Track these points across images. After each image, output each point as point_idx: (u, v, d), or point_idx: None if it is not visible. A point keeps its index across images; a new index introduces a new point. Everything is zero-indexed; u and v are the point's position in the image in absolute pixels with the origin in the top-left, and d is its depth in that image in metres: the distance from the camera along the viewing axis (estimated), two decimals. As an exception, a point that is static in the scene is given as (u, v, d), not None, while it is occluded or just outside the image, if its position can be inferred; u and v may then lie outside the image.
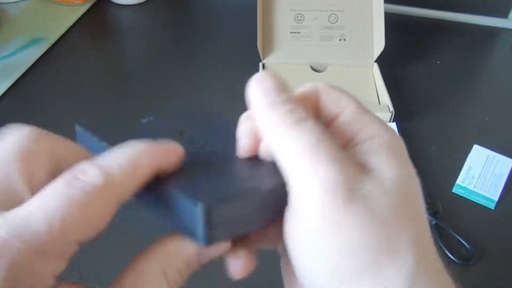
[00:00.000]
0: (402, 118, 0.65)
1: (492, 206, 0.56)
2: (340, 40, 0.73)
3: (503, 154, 0.61)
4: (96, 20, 0.85)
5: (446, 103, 0.70)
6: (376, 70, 0.71)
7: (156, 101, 0.69)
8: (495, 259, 0.52)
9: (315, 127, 0.20)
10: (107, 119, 0.21)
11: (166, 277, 0.19)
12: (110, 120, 0.23)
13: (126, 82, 0.73)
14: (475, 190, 0.57)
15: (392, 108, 0.64)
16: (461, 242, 0.52)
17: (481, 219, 0.56)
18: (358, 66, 0.72)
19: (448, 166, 0.61)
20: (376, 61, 0.72)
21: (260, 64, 0.70)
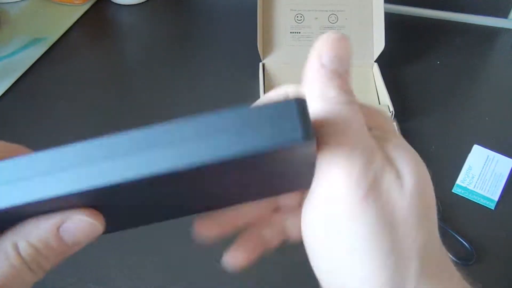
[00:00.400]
0: (402, 118, 0.65)
1: (492, 206, 0.56)
2: (340, 40, 0.73)
3: (503, 154, 0.61)
4: (96, 20, 0.85)
5: (446, 103, 0.70)
6: (376, 70, 0.71)
7: (156, 100, 0.69)
8: (495, 259, 0.52)
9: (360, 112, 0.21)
10: None
11: (16, 247, 0.19)
12: None
13: (126, 82, 0.73)
14: (475, 190, 0.57)
15: (392, 108, 0.64)
16: (461, 242, 0.52)
17: (481, 219, 0.56)
18: (358, 66, 0.72)
19: (448, 166, 0.61)
20: (376, 61, 0.72)
21: (260, 64, 0.70)
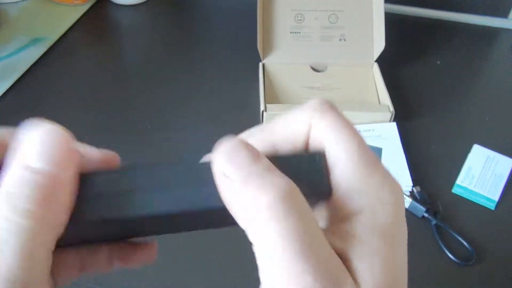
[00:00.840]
0: (402, 118, 0.65)
1: (492, 206, 0.56)
2: (340, 40, 0.73)
3: (503, 154, 0.61)
4: (96, 20, 0.85)
5: (446, 103, 0.71)
6: (376, 70, 0.71)
7: (156, 100, 0.69)
8: (495, 259, 0.52)
9: (301, 208, 0.17)
10: None
11: None
12: None
13: (126, 82, 0.73)
14: (475, 190, 0.57)
15: (392, 108, 0.64)
16: (461, 242, 0.52)
17: (481, 219, 0.56)
18: (358, 66, 0.72)
19: (448, 166, 0.61)
20: (376, 61, 0.72)
21: (260, 64, 0.70)
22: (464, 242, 0.52)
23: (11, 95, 0.69)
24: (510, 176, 0.59)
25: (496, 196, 0.57)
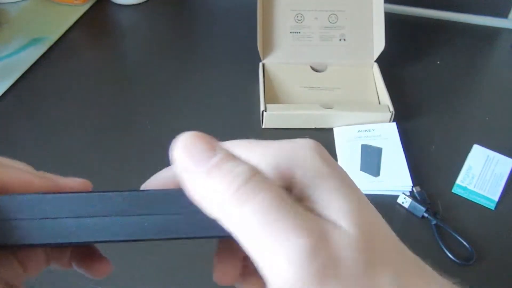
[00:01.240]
0: (402, 118, 0.65)
1: (492, 206, 0.56)
2: (340, 40, 0.73)
3: (503, 154, 0.61)
4: (96, 20, 0.85)
5: (446, 103, 0.71)
6: (376, 70, 0.71)
7: (156, 100, 0.69)
8: (495, 259, 0.52)
9: (265, 185, 0.18)
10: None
11: None
12: None
13: (126, 82, 0.73)
14: (475, 190, 0.57)
15: (392, 108, 0.64)
16: (461, 242, 0.52)
17: (481, 219, 0.56)
18: (358, 66, 0.72)
19: (448, 166, 0.61)
20: (376, 61, 0.72)
21: (260, 64, 0.70)
22: (464, 242, 0.52)
23: (11, 95, 0.69)
24: (510, 176, 0.59)
25: (496, 196, 0.57)
